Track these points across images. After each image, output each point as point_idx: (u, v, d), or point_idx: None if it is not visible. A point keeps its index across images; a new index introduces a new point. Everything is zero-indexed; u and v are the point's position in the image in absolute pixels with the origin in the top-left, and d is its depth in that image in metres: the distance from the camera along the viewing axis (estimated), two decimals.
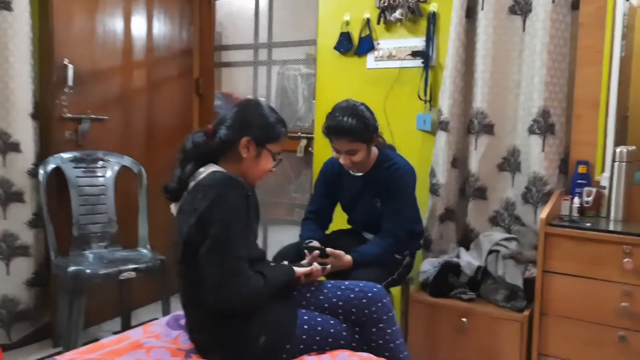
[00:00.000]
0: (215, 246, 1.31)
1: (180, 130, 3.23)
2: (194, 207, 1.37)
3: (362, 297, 1.49)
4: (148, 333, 1.54)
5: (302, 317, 1.44)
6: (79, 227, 2.48)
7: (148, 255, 2.51)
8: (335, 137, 1.89)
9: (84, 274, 2.20)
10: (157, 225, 2.80)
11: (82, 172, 2.53)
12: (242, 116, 1.48)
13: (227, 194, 1.34)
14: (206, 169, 1.44)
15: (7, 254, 2.41)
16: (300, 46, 3.11)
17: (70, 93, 2.52)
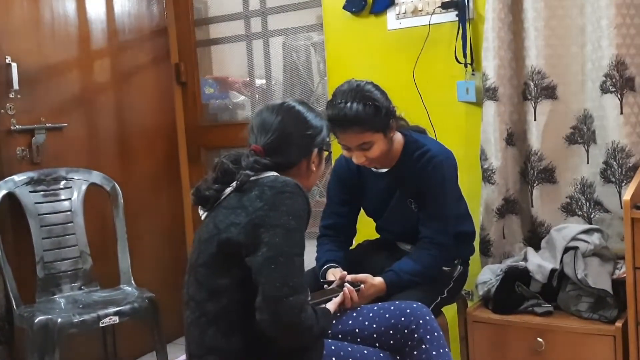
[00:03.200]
0: (276, 256, 1.41)
1: (162, 130, 3.33)
2: (244, 205, 1.48)
3: (400, 316, 1.56)
4: None
5: (329, 348, 1.50)
6: (44, 267, 2.59)
7: (133, 294, 2.60)
8: (341, 130, 1.89)
9: (55, 324, 2.30)
10: (140, 254, 2.90)
11: (41, 196, 2.64)
12: (296, 133, 1.62)
13: (292, 199, 1.47)
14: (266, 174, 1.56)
15: None
16: (302, 9, 3.16)
17: (17, 98, 2.63)
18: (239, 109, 3.62)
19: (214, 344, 1.47)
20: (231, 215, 1.49)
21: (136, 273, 2.76)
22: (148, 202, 3.19)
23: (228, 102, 3.61)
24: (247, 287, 1.43)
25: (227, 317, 1.47)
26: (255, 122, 1.65)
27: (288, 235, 1.43)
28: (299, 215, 1.47)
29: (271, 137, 1.59)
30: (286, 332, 1.41)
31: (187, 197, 3.48)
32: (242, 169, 1.55)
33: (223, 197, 1.56)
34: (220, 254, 1.49)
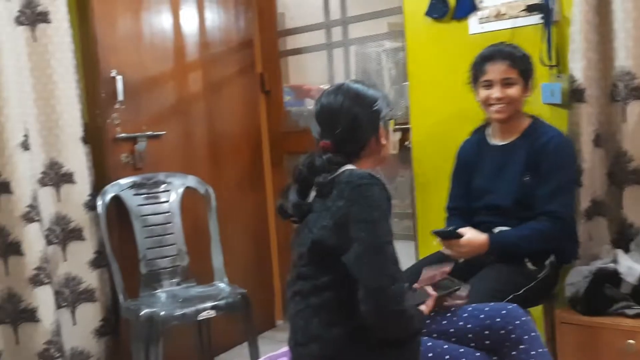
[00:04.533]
0: (367, 250, 1.41)
1: (248, 137, 3.41)
2: (327, 206, 1.49)
3: (495, 317, 1.53)
4: None
5: (425, 345, 1.50)
6: (147, 263, 2.69)
7: (227, 290, 2.67)
8: (491, 62, 2.07)
9: (159, 316, 2.39)
10: (232, 253, 2.97)
11: (143, 199, 2.75)
12: (363, 111, 1.58)
13: (369, 190, 1.45)
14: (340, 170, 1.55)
15: (72, 300, 2.66)
16: (381, 17, 3.16)
17: (122, 109, 2.75)
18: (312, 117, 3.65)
19: (317, 333, 1.50)
20: (319, 219, 1.51)
21: (228, 270, 2.83)
22: (236, 204, 3.26)
23: (304, 109, 3.65)
24: (347, 282, 1.44)
25: (329, 310, 1.49)
26: (318, 111, 1.61)
27: (374, 227, 1.43)
28: (379, 204, 1.46)
29: (338, 125, 1.56)
30: (391, 321, 1.41)
31: (271, 200, 3.56)
32: (318, 172, 1.55)
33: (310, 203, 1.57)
34: (317, 256, 1.51)
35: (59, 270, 2.63)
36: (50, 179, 2.61)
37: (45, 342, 2.46)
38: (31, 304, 2.44)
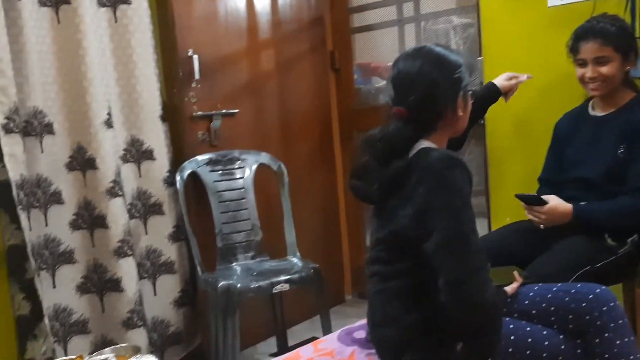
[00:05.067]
0: (449, 240, 1.35)
1: (318, 114, 3.41)
2: (407, 194, 1.42)
3: (581, 300, 1.47)
4: (319, 351, 1.68)
5: (508, 327, 1.46)
6: (223, 238, 2.75)
7: (299, 265, 2.69)
8: (584, 41, 2.02)
9: (236, 288, 2.44)
10: (303, 229, 2.99)
11: (219, 175, 2.79)
12: (442, 78, 1.47)
13: (450, 175, 1.38)
14: (414, 147, 1.48)
15: (153, 272, 2.75)
16: None
17: (198, 88, 2.80)
18: (381, 93, 3.61)
19: (395, 317, 1.48)
20: (398, 207, 1.45)
21: (300, 246, 2.85)
22: (306, 181, 3.28)
23: (371, 87, 3.61)
24: (428, 268, 1.40)
25: (408, 294, 1.47)
26: (394, 75, 1.51)
27: (456, 215, 1.36)
28: (460, 189, 1.38)
29: (414, 91, 1.46)
30: (471, 312, 1.36)
31: (341, 177, 3.57)
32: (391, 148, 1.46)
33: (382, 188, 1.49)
34: (396, 242, 1.47)
35: (141, 243, 2.72)
36: (132, 156, 2.69)
37: (128, 311, 2.55)
38: (115, 274, 2.54)
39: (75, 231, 2.52)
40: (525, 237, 2.07)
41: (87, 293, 2.55)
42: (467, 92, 1.53)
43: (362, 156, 1.52)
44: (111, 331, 2.56)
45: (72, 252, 2.51)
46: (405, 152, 1.47)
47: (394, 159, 1.46)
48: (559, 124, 2.29)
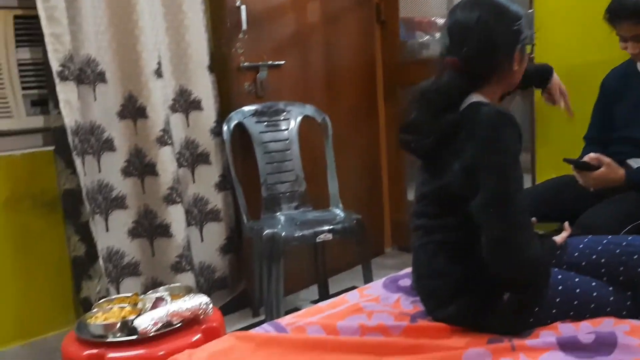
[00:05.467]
0: (494, 199, 1.34)
1: (362, 67, 3.38)
2: (455, 149, 1.40)
3: (633, 252, 1.45)
4: (365, 297, 1.71)
5: (556, 277, 1.45)
6: (268, 188, 2.78)
7: (342, 216, 2.71)
8: (618, 21, 1.93)
9: (280, 237, 2.48)
10: (345, 181, 3.01)
11: (264, 126, 2.81)
12: (501, 29, 1.43)
13: (500, 133, 1.35)
14: (465, 101, 1.45)
15: (200, 219, 2.81)
16: None
17: (245, 39, 2.78)
18: (424, 48, 3.55)
19: (440, 269, 1.49)
20: (446, 162, 1.43)
21: (341, 197, 2.86)
22: (350, 133, 3.28)
23: (415, 42, 3.55)
24: (473, 223, 1.38)
25: (453, 248, 1.47)
26: (450, 25, 1.46)
27: (504, 174, 1.34)
28: (510, 148, 1.35)
29: (470, 41, 1.41)
30: (513, 271, 1.36)
31: (383, 130, 3.56)
32: (442, 99, 1.43)
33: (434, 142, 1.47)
34: (442, 197, 1.46)
35: (189, 191, 2.78)
36: (180, 106, 2.72)
37: (177, 255, 2.62)
38: (165, 220, 2.61)
39: (126, 178, 2.58)
40: (573, 189, 2.04)
41: (138, 237, 2.63)
42: (525, 45, 1.48)
43: (413, 109, 1.50)
44: (161, 274, 2.65)
45: (123, 198, 2.58)
46: (458, 104, 1.45)
47: (445, 111, 1.44)
48: (606, 81, 2.22)
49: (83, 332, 1.73)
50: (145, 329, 1.63)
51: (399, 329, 1.51)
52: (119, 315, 1.75)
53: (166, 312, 1.69)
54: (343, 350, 1.44)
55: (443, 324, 1.50)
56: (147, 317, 1.66)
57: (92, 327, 1.71)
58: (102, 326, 1.71)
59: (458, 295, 1.46)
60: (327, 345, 1.46)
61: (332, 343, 1.47)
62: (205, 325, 1.77)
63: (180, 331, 1.72)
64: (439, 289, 1.50)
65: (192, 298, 1.76)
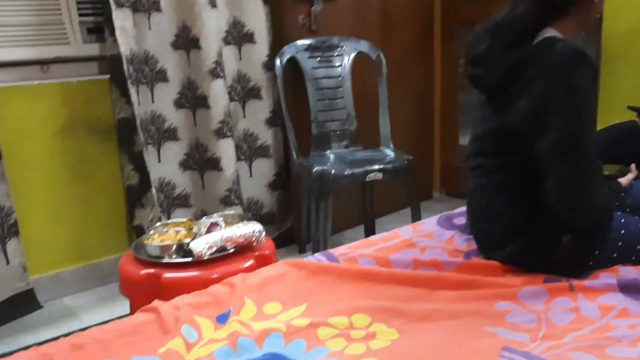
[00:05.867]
0: (565, 142, 1.29)
1: (419, 4, 3.28)
2: (523, 85, 1.35)
3: None
4: (419, 232, 1.70)
5: (618, 221, 1.41)
6: (318, 125, 2.77)
7: (392, 156, 2.69)
8: None
9: (330, 174, 2.48)
10: (397, 121, 2.97)
11: (317, 62, 2.77)
12: None
13: (574, 71, 1.28)
14: (539, 35, 1.39)
15: (249, 154, 2.83)
16: None
17: None
18: None
19: (498, 212, 1.46)
20: (512, 98, 1.37)
21: (392, 137, 2.83)
22: (404, 72, 3.22)
23: None
24: (535, 164, 1.34)
25: (513, 188, 1.43)
26: None
27: (574, 116, 1.28)
28: (583, 88, 1.29)
29: None
30: (579, 218, 1.32)
31: (438, 71, 3.48)
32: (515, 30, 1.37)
33: (502, 76, 1.41)
34: (505, 135, 1.41)
35: (239, 125, 2.79)
36: (233, 38, 2.70)
37: (226, 189, 2.66)
38: (215, 154, 2.63)
39: (178, 109, 2.60)
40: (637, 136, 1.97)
41: (189, 169, 2.67)
42: None
43: (483, 41, 1.44)
44: (210, 207, 2.69)
45: (175, 130, 2.61)
46: (531, 38, 1.38)
47: (517, 44, 1.37)
48: None
49: (140, 253, 1.79)
50: (201, 252, 1.68)
51: (452, 265, 1.51)
52: (175, 238, 1.80)
53: (220, 237, 1.73)
54: (395, 283, 1.45)
55: (498, 263, 1.49)
56: (202, 241, 1.70)
57: (149, 248, 1.77)
58: (159, 247, 1.76)
59: (515, 238, 1.44)
60: (379, 276, 1.47)
61: (384, 275, 1.47)
62: (258, 252, 1.80)
63: (233, 256, 1.76)
64: (495, 232, 1.47)
65: (246, 225, 1.79)
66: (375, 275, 1.47)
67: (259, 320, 1.29)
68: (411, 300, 1.38)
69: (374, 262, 1.53)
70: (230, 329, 1.24)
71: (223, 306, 1.34)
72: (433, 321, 1.29)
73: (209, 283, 1.43)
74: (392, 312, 1.32)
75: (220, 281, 1.45)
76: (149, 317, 1.29)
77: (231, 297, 1.37)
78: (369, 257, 1.55)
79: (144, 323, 1.27)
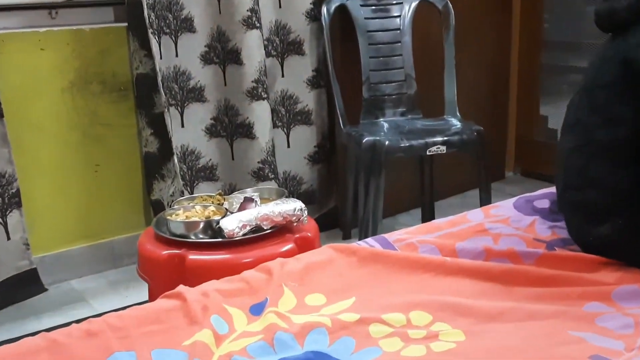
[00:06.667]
0: None
1: None
2: None
3: None
4: (492, 217, 1.69)
5: None
6: (370, 87, 2.76)
7: (458, 126, 2.67)
8: None
9: (383, 146, 2.47)
10: (465, 86, 2.94)
11: (371, 11, 2.76)
12: None
13: None
14: None
15: (287, 121, 2.84)
16: None
17: None
18: None
19: (597, 177, 1.44)
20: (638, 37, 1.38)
21: (459, 105, 2.80)
22: (475, 26, 3.19)
23: None
24: None
25: (619, 150, 1.42)
26: None
27: None
28: None
29: None
30: None
31: (516, 27, 3.44)
32: None
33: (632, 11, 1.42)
34: (626, 76, 1.40)
35: (276, 86, 2.80)
36: None
37: (259, 161, 2.68)
38: (248, 119, 2.65)
39: (206, 65, 2.63)
40: None
41: (216, 137, 2.70)
42: None
43: None
44: (240, 181, 2.72)
45: (202, 90, 2.64)
46: None
47: None
48: None
49: (162, 230, 1.82)
50: (232, 231, 1.70)
51: (532, 257, 1.49)
52: (203, 215, 1.83)
53: (256, 214, 1.75)
54: (462, 275, 1.44)
55: (588, 255, 1.46)
56: (234, 219, 1.73)
57: (173, 225, 1.80)
58: (184, 224, 1.78)
59: (616, 211, 1.42)
60: (443, 267, 1.46)
61: (449, 266, 1.47)
62: (299, 235, 1.82)
63: (270, 238, 1.78)
64: (591, 203, 1.45)
65: (286, 202, 1.80)
66: (439, 266, 1.46)
67: (300, 314, 1.30)
68: (481, 296, 1.37)
69: (437, 251, 1.53)
70: (266, 322, 1.26)
71: (258, 295, 1.36)
72: (507, 322, 1.28)
73: (242, 268, 1.44)
74: (457, 310, 1.31)
75: (254, 266, 1.46)
76: (173, 303, 1.31)
77: (267, 285, 1.39)
78: (431, 244, 1.55)
79: (167, 311, 1.29)
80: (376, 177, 2.50)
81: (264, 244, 1.76)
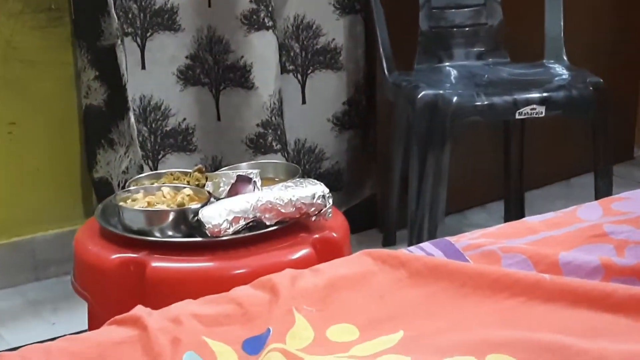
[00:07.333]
0: None
1: None
2: None
3: None
4: (614, 214, 1.69)
5: None
6: (431, 15, 2.76)
7: (566, 76, 2.66)
8: None
9: (449, 104, 2.47)
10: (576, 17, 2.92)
11: None
12: None
13: None
14: None
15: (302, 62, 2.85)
16: None
17: None
18: None
19: None
20: None
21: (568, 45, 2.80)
22: None
23: None
24: None
25: None
26: None
27: None
28: None
29: None
30: None
31: None
32: None
33: None
34: None
35: (286, 9, 2.79)
36: None
37: (259, 124, 2.69)
38: (242, 58, 2.66)
39: None
40: None
41: (194, 85, 2.71)
42: None
43: None
44: (228, 153, 2.73)
45: (174, 12, 2.65)
46: None
47: None
48: None
49: (111, 223, 1.83)
50: (218, 226, 1.70)
51: None
52: (173, 201, 1.83)
53: (254, 202, 1.75)
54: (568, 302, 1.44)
55: None
56: (220, 208, 1.73)
57: (128, 215, 1.80)
58: (145, 215, 1.79)
59: None
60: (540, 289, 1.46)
61: (548, 287, 1.46)
62: (320, 235, 1.82)
63: (275, 238, 1.79)
64: None
65: (300, 186, 1.80)
66: (532, 287, 1.46)
67: (320, 354, 1.31)
68: (597, 334, 1.37)
69: (529, 264, 1.53)
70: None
71: (256, 324, 1.37)
72: None
73: (232, 282, 1.45)
74: (560, 354, 1.32)
75: (251, 280, 1.47)
76: (127, 334, 1.31)
77: (271, 309, 1.39)
78: (521, 253, 1.55)
79: (118, 344, 1.29)
80: (437, 153, 2.50)
81: (265, 247, 1.78)
